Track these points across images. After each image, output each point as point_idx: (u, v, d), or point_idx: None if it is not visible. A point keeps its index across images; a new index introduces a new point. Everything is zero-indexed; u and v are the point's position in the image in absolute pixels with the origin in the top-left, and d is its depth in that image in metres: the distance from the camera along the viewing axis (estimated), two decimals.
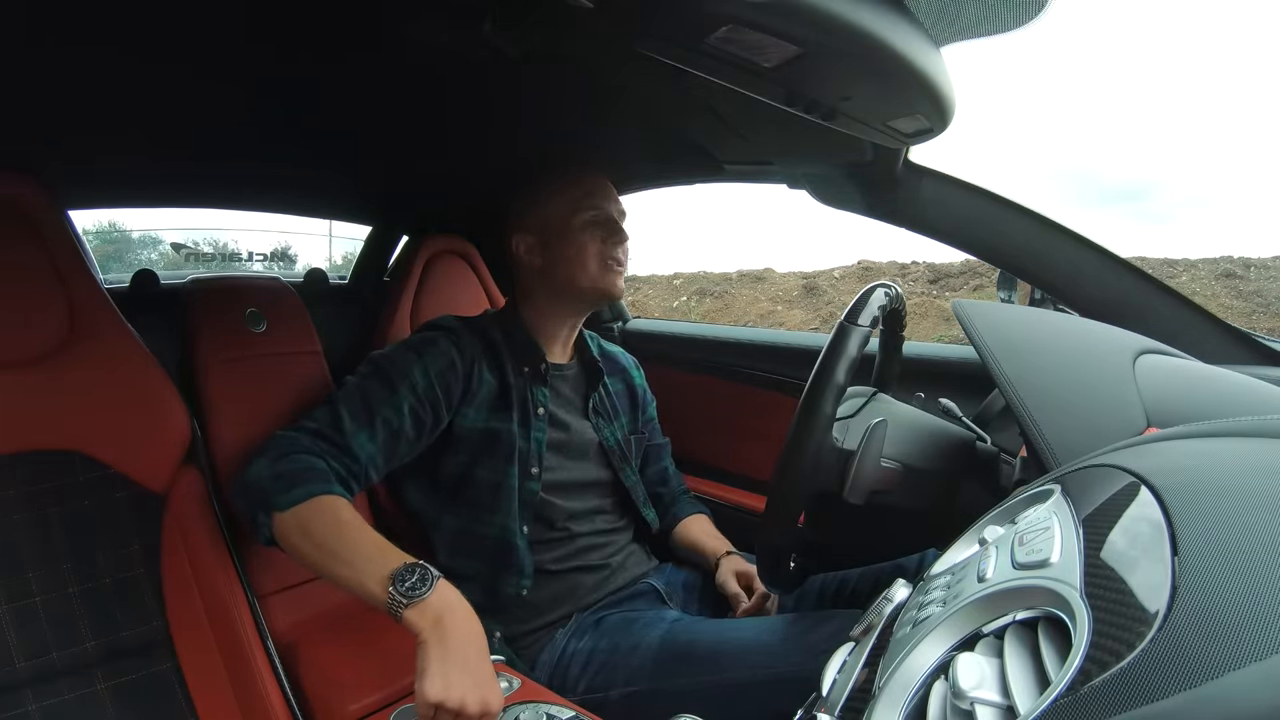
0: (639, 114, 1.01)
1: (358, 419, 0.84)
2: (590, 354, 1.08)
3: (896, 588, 0.45)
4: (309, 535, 0.72)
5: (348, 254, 2.07)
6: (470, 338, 0.96)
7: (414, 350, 0.91)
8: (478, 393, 0.95)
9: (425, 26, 0.67)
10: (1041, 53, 35.30)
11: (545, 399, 1.00)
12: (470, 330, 0.98)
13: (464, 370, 0.93)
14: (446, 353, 0.92)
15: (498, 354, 0.98)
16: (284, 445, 0.79)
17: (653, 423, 1.19)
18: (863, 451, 0.72)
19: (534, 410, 0.98)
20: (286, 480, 0.75)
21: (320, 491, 0.74)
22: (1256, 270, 6.12)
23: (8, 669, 0.69)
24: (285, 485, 0.74)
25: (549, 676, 0.89)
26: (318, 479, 0.76)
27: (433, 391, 0.90)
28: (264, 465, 0.77)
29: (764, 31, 0.48)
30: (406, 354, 0.91)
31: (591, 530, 1.01)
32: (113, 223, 3.66)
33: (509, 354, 0.98)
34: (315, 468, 0.78)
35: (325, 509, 0.73)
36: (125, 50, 0.73)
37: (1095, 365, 0.60)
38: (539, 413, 0.98)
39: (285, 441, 0.80)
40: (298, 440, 0.80)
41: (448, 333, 0.95)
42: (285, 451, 0.78)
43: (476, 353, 0.96)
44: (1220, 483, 0.31)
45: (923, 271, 6.81)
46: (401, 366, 0.89)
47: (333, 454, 0.81)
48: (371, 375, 0.89)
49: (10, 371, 0.74)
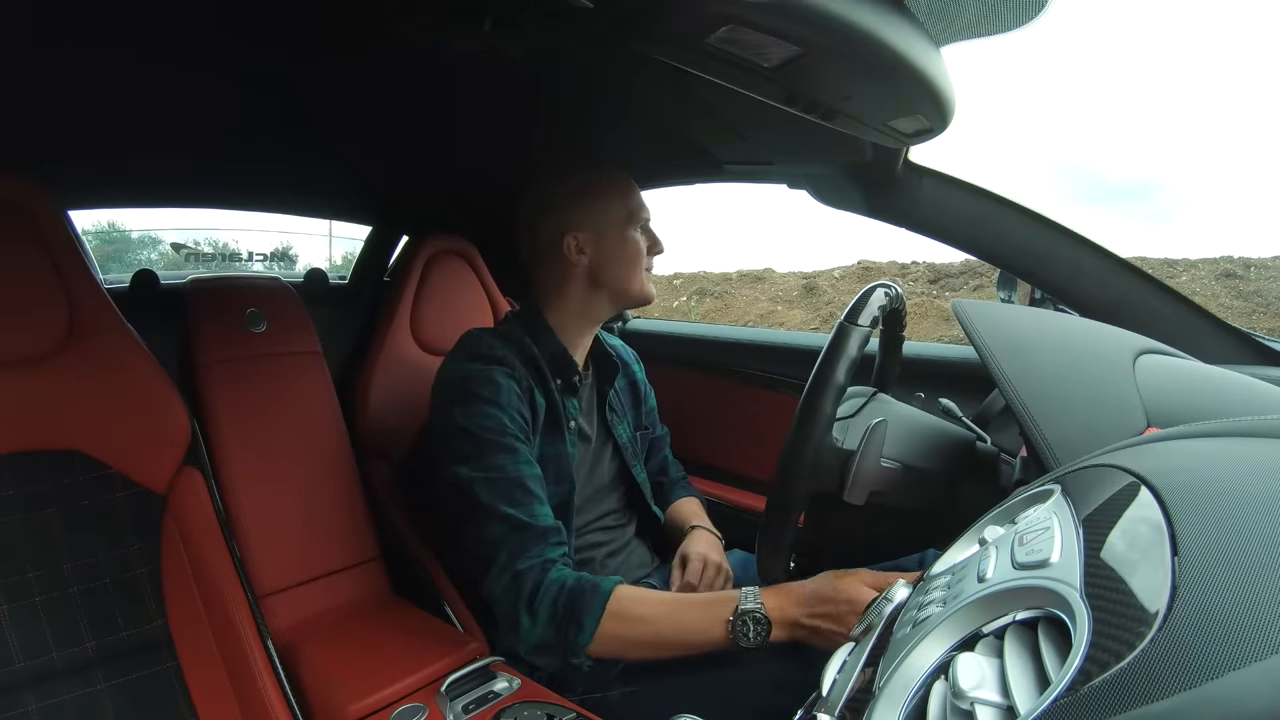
0: (639, 114, 1.01)
1: (522, 502, 0.84)
2: (604, 351, 1.08)
3: (896, 588, 0.45)
4: (628, 643, 0.79)
5: (348, 254, 2.07)
6: (520, 365, 0.93)
7: (489, 403, 0.88)
8: (538, 416, 0.93)
9: (426, 26, 0.67)
10: (1042, 51, 35.31)
11: (575, 410, 1.00)
12: (516, 354, 0.94)
13: (525, 398, 0.92)
14: (509, 387, 0.90)
15: (540, 370, 0.96)
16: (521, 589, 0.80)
17: (653, 413, 1.19)
18: (863, 451, 0.72)
19: (568, 424, 0.97)
20: (562, 620, 0.78)
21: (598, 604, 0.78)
22: (1256, 270, 6.12)
23: (8, 669, 0.69)
24: (568, 626, 0.78)
25: (549, 677, 0.89)
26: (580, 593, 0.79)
27: (525, 429, 0.90)
28: (529, 624, 0.79)
29: (764, 31, 0.48)
30: (487, 410, 0.88)
31: (600, 528, 1.01)
32: (113, 223, 3.66)
33: (547, 368, 0.97)
34: (562, 582, 0.80)
35: (617, 615, 0.78)
36: (126, 51, 0.73)
37: (1095, 365, 0.60)
38: (570, 425, 0.98)
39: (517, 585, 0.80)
40: (519, 573, 0.80)
41: (502, 367, 0.92)
42: (529, 595, 0.79)
43: (529, 380, 0.93)
44: (1220, 483, 0.31)
45: (923, 271, 6.81)
46: (496, 425, 0.87)
47: (545, 548, 0.82)
48: (485, 451, 0.86)
49: (10, 371, 0.74)
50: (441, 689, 0.78)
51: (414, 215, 1.48)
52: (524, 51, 0.63)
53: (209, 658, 0.77)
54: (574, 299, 1.00)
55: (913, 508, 0.75)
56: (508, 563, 0.81)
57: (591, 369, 1.07)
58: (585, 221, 0.98)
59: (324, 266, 1.60)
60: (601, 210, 0.98)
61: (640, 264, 0.99)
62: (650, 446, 1.17)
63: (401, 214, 1.50)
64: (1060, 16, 0.60)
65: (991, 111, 31.17)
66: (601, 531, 1.01)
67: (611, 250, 0.97)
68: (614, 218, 0.97)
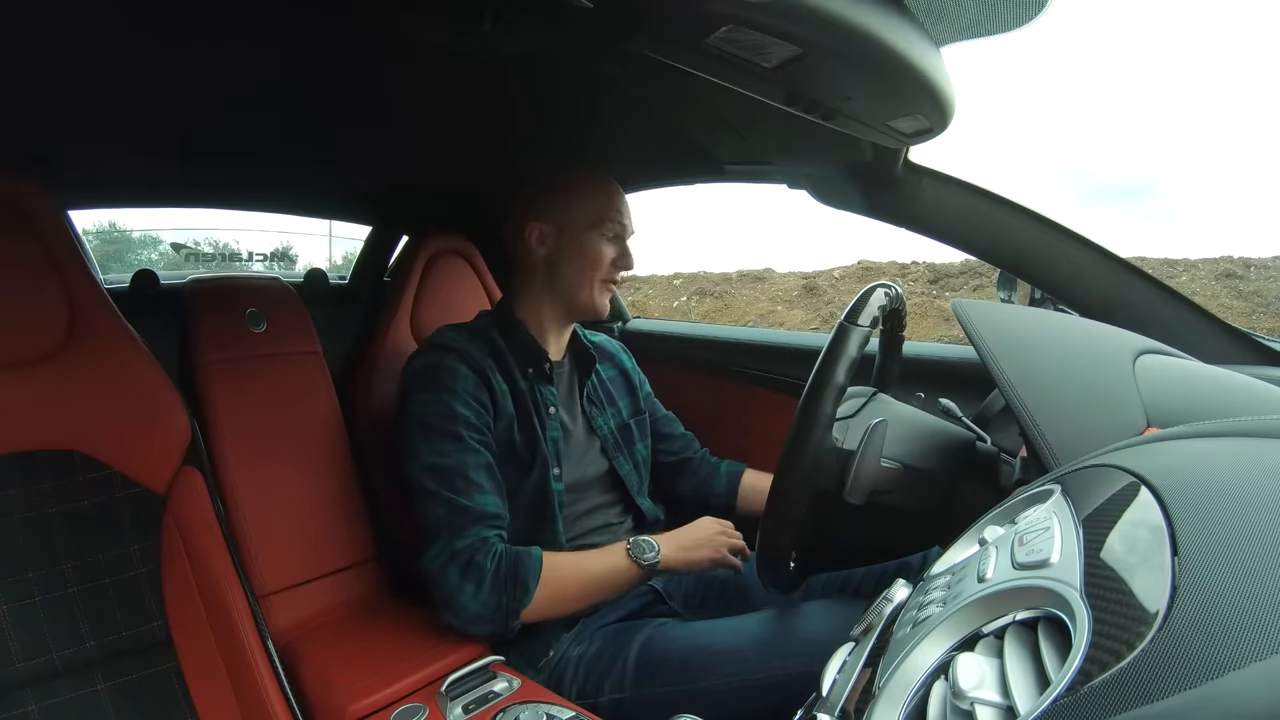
0: (639, 114, 1.01)
1: (462, 490, 0.87)
2: (582, 343, 1.09)
3: (896, 588, 0.45)
4: (560, 595, 0.88)
5: (348, 254, 2.07)
6: (474, 349, 0.95)
7: (439, 389, 0.91)
8: (500, 402, 0.94)
9: (425, 26, 0.67)
10: (1042, 51, 35.31)
11: (554, 398, 1.00)
12: (472, 341, 0.97)
13: (483, 383, 0.93)
14: (464, 374, 0.92)
15: (503, 359, 0.98)
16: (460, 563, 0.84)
17: (651, 397, 1.19)
18: (863, 451, 0.71)
19: (545, 410, 0.98)
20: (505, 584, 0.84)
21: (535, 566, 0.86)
22: (1256, 270, 6.11)
23: (8, 669, 0.69)
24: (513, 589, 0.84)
25: (547, 679, 0.89)
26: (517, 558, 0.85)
27: (481, 415, 0.92)
28: (472, 592, 0.84)
29: (764, 31, 0.48)
30: (438, 397, 0.90)
31: (591, 528, 1.01)
32: (113, 223, 3.66)
33: (514, 358, 0.98)
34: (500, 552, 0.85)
35: (546, 584, 0.86)
36: (126, 50, 0.73)
37: (1095, 365, 0.60)
38: (550, 412, 0.99)
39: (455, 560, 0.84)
40: (457, 550, 0.84)
41: (452, 353, 0.94)
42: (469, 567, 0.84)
43: (487, 364, 0.95)
44: (1220, 483, 0.31)
45: (923, 271, 6.81)
46: (444, 412, 0.90)
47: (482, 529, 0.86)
48: (432, 439, 0.89)
49: (10, 371, 0.74)
50: (441, 689, 0.78)
51: (414, 215, 1.48)
52: (524, 51, 0.63)
53: (209, 658, 0.77)
54: (533, 294, 1.01)
55: (913, 508, 0.75)
56: (447, 542, 0.85)
57: (569, 360, 1.07)
58: (550, 214, 0.98)
59: (324, 266, 1.60)
60: (568, 206, 0.98)
61: (595, 272, 0.98)
62: (659, 426, 1.17)
63: (401, 214, 1.50)
64: (1060, 16, 0.60)
65: (991, 112, 31.19)
66: (595, 534, 1.01)
67: (568, 248, 0.98)
68: (580, 216, 0.98)
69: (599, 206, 0.98)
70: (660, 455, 1.16)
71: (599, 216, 0.98)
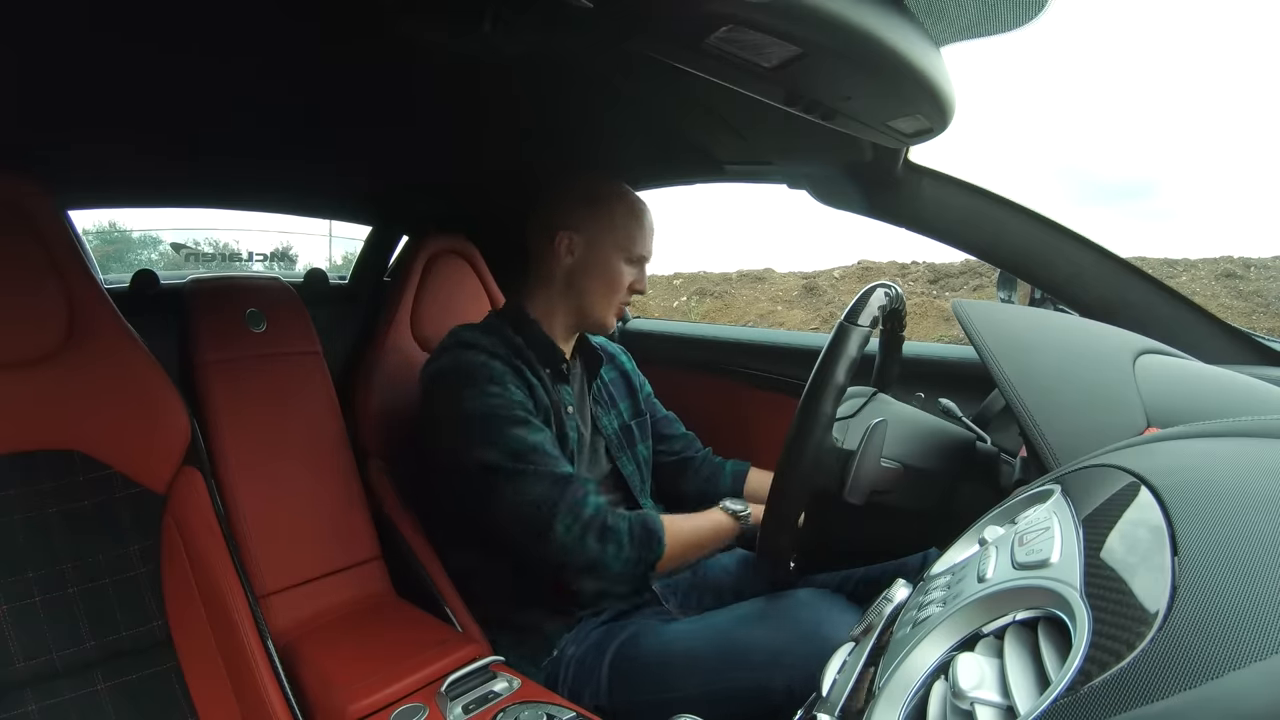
0: (639, 114, 1.01)
1: (556, 463, 0.88)
2: (590, 345, 1.10)
3: (896, 588, 0.45)
4: (678, 559, 0.91)
5: (348, 254, 2.06)
6: (498, 347, 0.95)
7: (486, 381, 0.90)
8: (537, 396, 0.95)
9: (425, 26, 0.67)
10: (1042, 51, 35.32)
11: (570, 397, 1.01)
12: (494, 339, 0.96)
13: (519, 377, 0.94)
14: (499, 368, 0.92)
15: (525, 356, 0.98)
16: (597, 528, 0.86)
17: (652, 398, 1.20)
18: (863, 451, 0.71)
19: (565, 410, 0.99)
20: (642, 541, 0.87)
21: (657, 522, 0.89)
22: (1256, 270, 6.11)
23: (8, 669, 0.69)
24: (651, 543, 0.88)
25: (545, 678, 0.89)
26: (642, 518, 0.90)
27: (529, 403, 0.92)
28: (615, 551, 0.86)
29: (764, 31, 0.48)
30: (491, 390, 0.90)
31: None
32: (113, 223, 3.65)
33: (534, 356, 0.98)
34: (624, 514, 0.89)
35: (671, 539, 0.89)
36: (126, 50, 0.73)
37: (1095, 365, 0.60)
38: (568, 410, 0.99)
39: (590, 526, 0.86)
40: (589, 518, 0.86)
41: (481, 350, 0.93)
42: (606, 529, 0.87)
43: (514, 361, 0.95)
44: (1220, 483, 0.31)
45: (923, 271, 6.80)
46: (503, 401, 0.89)
47: (591, 495, 0.88)
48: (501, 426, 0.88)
49: (10, 371, 0.74)
50: (441, 689, 0.78)
51: (414, 215, 1.48)
52: (524, 51, 0.63)
53: (209, 658, 0.77)
54: (546, 298, 1.02)
55: (913, 508, 0.75)
56: (570, 512, 0.85)
57: (579, 362, 1.08)
58: (585, 226, 0.99)
59: (324, 266, 1.60)
60: (605, 224, 0.99)
61: (615, 293, 1.00)
62: (660, 427, 1.18)
63: (401, 214, 1.50)
64: (1060, 16, 0.60)
65: (991, 112, 31.17)
66: None
67: (595, 264, 0.99)
68: (610, 237, 0.99)
69: (629, 233, 1.00)
70: (661, 456, 1.16)
71: (628, 242, 1.00)
